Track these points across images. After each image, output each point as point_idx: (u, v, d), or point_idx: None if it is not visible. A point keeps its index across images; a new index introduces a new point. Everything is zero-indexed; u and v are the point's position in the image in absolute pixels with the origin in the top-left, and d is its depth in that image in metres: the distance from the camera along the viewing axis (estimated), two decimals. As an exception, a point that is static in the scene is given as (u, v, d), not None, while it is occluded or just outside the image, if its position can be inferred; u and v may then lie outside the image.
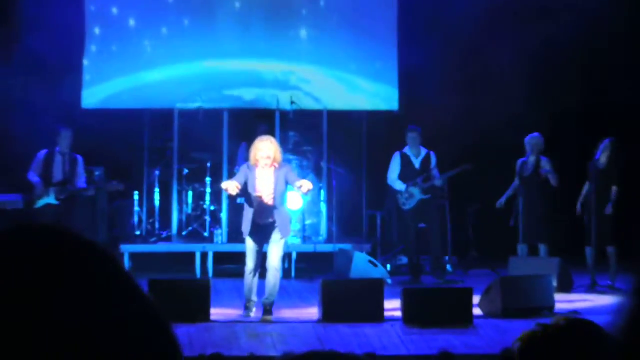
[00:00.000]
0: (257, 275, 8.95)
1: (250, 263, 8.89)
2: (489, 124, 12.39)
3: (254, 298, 8.99)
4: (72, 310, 0.91)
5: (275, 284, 8.85)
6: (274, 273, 8.85)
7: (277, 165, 8.83)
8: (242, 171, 9.02)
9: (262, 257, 8.95)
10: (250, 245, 8.91)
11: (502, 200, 11.64)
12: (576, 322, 1.46)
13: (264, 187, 8.85)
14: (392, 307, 8.94)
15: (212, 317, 8.73)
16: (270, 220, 8.85)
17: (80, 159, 11.13)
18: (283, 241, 8.92)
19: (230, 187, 8.87)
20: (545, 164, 11.41)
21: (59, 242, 0.96)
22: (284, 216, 8.98)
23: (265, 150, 8.79)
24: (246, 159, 9.48)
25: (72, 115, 12.14)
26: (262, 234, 8.87)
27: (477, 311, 8.90)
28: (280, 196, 8.91)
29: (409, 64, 12.95)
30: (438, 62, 12.63)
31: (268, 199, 8.84)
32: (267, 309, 8.89)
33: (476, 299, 9.00)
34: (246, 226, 8.91)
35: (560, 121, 12.91)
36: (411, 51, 12.96)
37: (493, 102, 12.56)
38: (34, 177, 10.87)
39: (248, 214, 8.95)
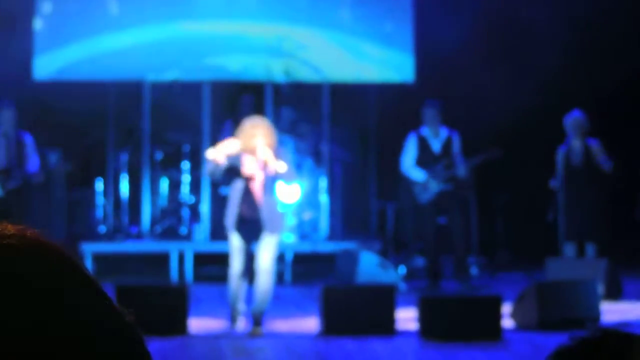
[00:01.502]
0: (245, 279, 9.06)
1: (235, 264, 8.99)
2: (524, 100, 12.45)
3: (241, 306, 9.10)
4: (26, 327, 0.91)
5: (266, 290, 8.95)
6: (265, 277, 8.95)
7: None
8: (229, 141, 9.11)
9: (250, 258, 9.06)
10: (235, 243, 9.01)
11: (557, 184, 11.48)
12: (616, 334, 1.52)
13: (251, 172, 8.95)
14: (406, 317, 9.06)
15: (191, 330, 8.84)
16: (259, 213, 8.93)
17: (29, 138, 11.20)
18: (275, 238, 9.01)
19: (219, 153, 8.89)
20: (598, 151, 11.41)
21: (8, 243, 0.96)
22: (275, 208, 9.07)
23: (262, 137, 8.84)
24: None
25: (21, 88, 12.19)
26: (249, 229, 8.96)
27: (507, 323, 9.02)
28: (270, 185, 8.99)
29: (426, 26, 13.00)
30: (463, 24, 12.67)
31: (257, 187, 8.93)
32: (257, 320, 9.00)
33: (507, 308, 9.11)
34: (231, 218, 9.03)
35: (609, 98, 12.95)
36: (430, 10, 13.01)
37: (529, 74, 12.61)
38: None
39: (233, 203, 9.06)
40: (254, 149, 8.83)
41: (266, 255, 8.93)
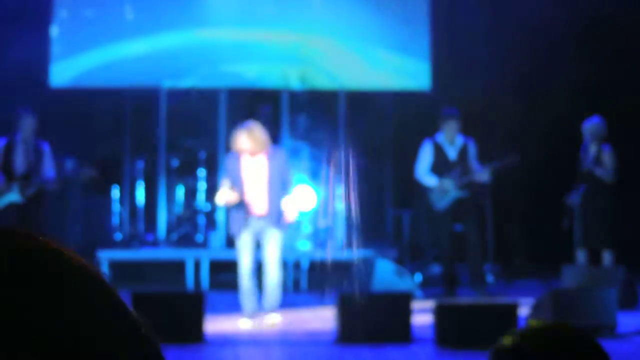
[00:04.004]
0: (255, 279, 9.28)
1: (245, 261, 9.21)
2: (540, 106, 12.46)
3: (253, 304, 9.27)
4: (42, 335, 0.91)
5: (275, 285, 9.25)
6: (273, 271, 9.23)
7: (266, 152, 9.22)
8: (228, 165, 9.40)
9: (257, 265, 9.30)
10: (244, 239, 9.22)
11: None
12: (554, 326, 1.58)
13: (252, 176, 9.22)
14: (422, 325, 9.12)
15: (207, 337, 8.91)
16: (260, 215, 9.15)
17: (46, 147, 11.28)
18: (279, 233, 9.25)
19: (232, 196, 9.17)
20: (608, 157, 11.43)
21: (25, 250, 0.96)
22: (279, 204, 9.28)
23: (241, 143, 9.19)
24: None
25: (38, 96, 12.26)
26: (253, 231, 9.20)
27: (523, 330, 9.04)
28: (275, 187, 9.21)
29: (443, 34, 13.03)
30: (480, 31, 12.69)
31: (258, 190, 9.15)
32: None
33: (523, 316, 9.14)
34: (237, 224, 9.27)
35: (630, 101, 12.93)
36: (446, 17, 13.03)
37: (545, 81, 12.62)
38: (-8, 170, 11.03)
39: (239, 210, 9.26)
40: (247, 151, 9.11)
41: (272, 250, 9.20)
